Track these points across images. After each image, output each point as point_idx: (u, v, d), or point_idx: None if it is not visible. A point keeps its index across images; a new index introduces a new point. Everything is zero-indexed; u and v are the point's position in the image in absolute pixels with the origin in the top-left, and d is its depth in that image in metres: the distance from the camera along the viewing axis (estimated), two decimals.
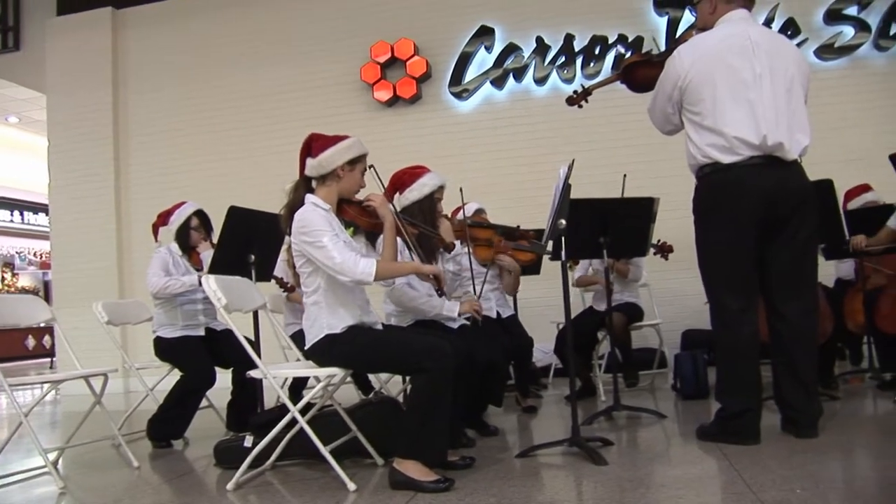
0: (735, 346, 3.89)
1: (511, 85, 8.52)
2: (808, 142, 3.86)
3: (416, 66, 8.60)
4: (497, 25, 8.52)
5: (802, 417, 3.86)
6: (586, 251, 5.22)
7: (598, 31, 8.30)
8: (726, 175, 3.83)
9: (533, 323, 6.62)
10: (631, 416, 5.03)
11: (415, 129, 8.63)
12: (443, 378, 3.31)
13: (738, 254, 3.86)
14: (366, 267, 3.45)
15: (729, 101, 3.79)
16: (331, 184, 3.71)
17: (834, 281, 6.58)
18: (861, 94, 8.05)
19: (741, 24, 3.91)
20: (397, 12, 8.79)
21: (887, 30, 8.02)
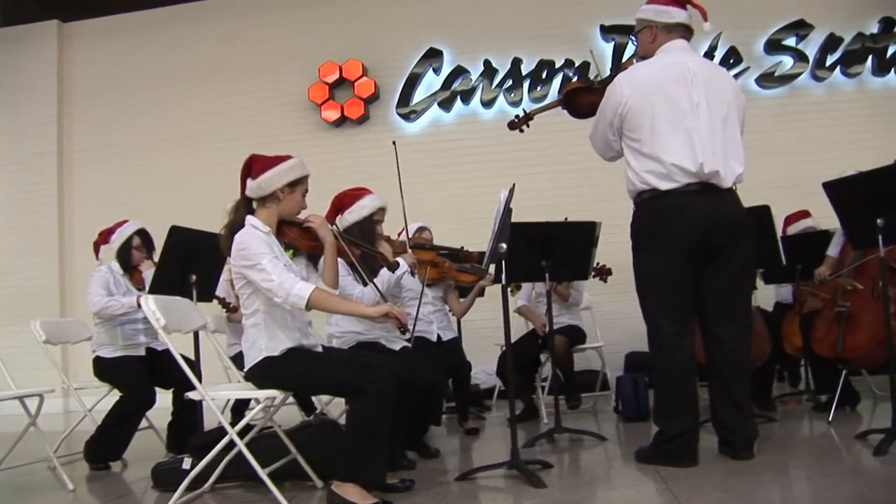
0: (671, 370, 3.94)
1: (458, 107, 8.60)
2: (742, 170, 3.94)
3: (364, 87, 8.63)
4: (445, 48, 8.59)
5: (738, 439, 3.92)
6: (528, 274, 5.26)
7: (545, 55, 8.41)
8: (663, 201, 3.90)
9: (477, 345, 6.67)
10: (573, 439, 5.05)
11: (362, 149, 8.64)
12: (381, 400, 3.31)
13: (674, 278, 3.92)
14: (300, 290, 3.38)
15: (667, 129, 3.86)
16: (271, 205, 3.68)
17: (773, 304, 6.70)
18: (799, 121, 8.27)
19: (680, 53, 3.99)
20: (346, 33, 8.81)
21: (824, 61, 8.26)
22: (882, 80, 8.32)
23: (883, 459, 3.82)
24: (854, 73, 8.31)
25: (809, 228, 6.31)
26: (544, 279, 5.00)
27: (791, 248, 5.62)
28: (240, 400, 5.66)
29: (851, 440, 4.35)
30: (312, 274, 3.96)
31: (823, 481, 3.51)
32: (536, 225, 4.92)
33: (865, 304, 4.97)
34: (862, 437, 4.30)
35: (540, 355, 6.14)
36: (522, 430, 5.56)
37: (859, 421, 5.07)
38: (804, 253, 5.73)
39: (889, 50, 8.26)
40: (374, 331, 4.49)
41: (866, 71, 8.31)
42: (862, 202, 4.18)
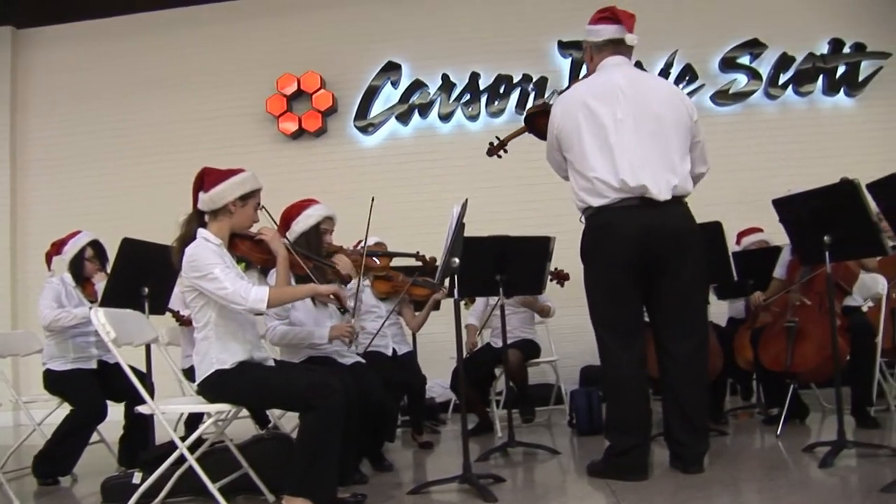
0: (617, 384, 3.98)
1: (416, 121, 8.61)
2: (679, 181, 3.94)
3: (322, 100, 8.62)
4: (404, 62, 8.60)
5: (689, 453, 3.96)
6: (483, 289, 5.28)
7: (503, 70, 8.45)
8: (599, 218, 3.98)
9: (433, 358, 6.68)
10: (527, 452, 5.07)
11: (320, 162, 8.62)
12: (332, 415, 3.31)
13: (616, 294, 3.97)
14: (258, 294, 3.42)
15: (592, 146, 3.94)
16: (223, 218, 3.67)
17: (726, 319, 6.78)
18: (753, 138, 8.41)
19: (613, 69, 4.06)
20: (304, 45, 8.79)
21: (777, 79, 8.41)
22: (832, 99, 8.48)
23: (828, 471, 3.89)
24: (805, 92, 8.46)
25: (762, 242, 6.42)
26: (499, 293, 5.03)
27: (742, 263, 5.70)
28: (194, 414, 5.63)
29: (800, 453, 4.41)
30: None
31: (771, 494, 3.57)
32: (490, 239, 4.95)
33: (813, 319, 5.05)
34: (809, 450, 4.37)
35: (494, 369, 6.15)
36: (477, 443, 5.57)
37: (808, 434, 5.16)
38: (755, 268, 5.82)
39: (839, 70, 8.42)
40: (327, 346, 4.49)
41: (817, 90, 8.46)
42: (809, 219, 4.26)
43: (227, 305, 3.47)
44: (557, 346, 6.71)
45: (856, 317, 5.40)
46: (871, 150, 7.65)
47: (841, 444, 4.11)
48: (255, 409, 5.40)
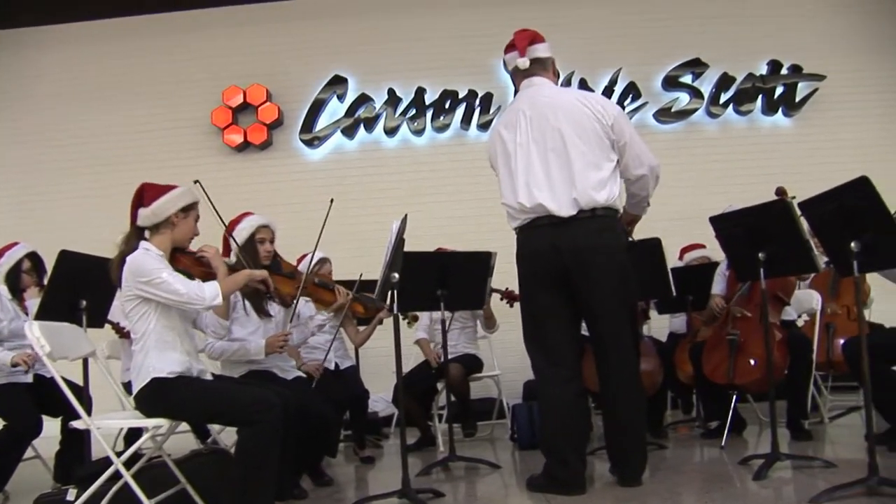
0: (549, 401, 4.02)
1: (362, 135, 8.59)
2: (579, 194, 3.92)
3: (268, 113, 8.56)
4: (350, 75, 8.60)
5: (627, 468, 4.01)
6: (424, 304, 5.30)
7: (448, 85, 8.49)
8: (520, 238, 4.11)
9: (377, 372, 6.67)
10: (469, 467, 5.07)
11: (265, 175, 8.56)
12: (270, 430, 3.30)
13: (539, 312, 4.05)
14: (211, 289, 3.52)
15: (504, 173, 4.11)
16: (165, 231, 3.70)
17: (667, 334, 6.87)
18: (695, 156, 8.54)
19: (522, 93, 4.18)
20: (251, 57, 8.73)
21: (718, 98, 8.57)
22: (770, 118, 8.68)
23: (762, 483, 3.97)
24: (745, 111, 8.63)
25: (703, 258, 6.52)
26: (440, 308, 5.05)
27: (682, 279, 5.78)
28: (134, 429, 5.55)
29: (736, 466, 4.50)
30: None
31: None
32: (431, 254, 5.00)
33: (754, 331, 5.12)
34: (745, 463, 4.44)
35: (437, 383, 6.15)
36: (419, 458, 5.58)
37: (745, 447, 5.23)
38: (695, 284, 5.91)
39: (777, 91, 8.61)
40: (268, 360, 4.46)
41: (756, 109, 8.64)
42: (744, 237, 4.35)
43: (183, 307, 3.52)
44: (501, 360, 6.74)
45: (794, 331, 5.52)
46: (808, 168, 7.79)
47: (775, 456, 4.19)
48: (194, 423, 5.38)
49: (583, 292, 3.98)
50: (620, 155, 4.06)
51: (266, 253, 4.51)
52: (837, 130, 8.55)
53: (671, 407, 7.17)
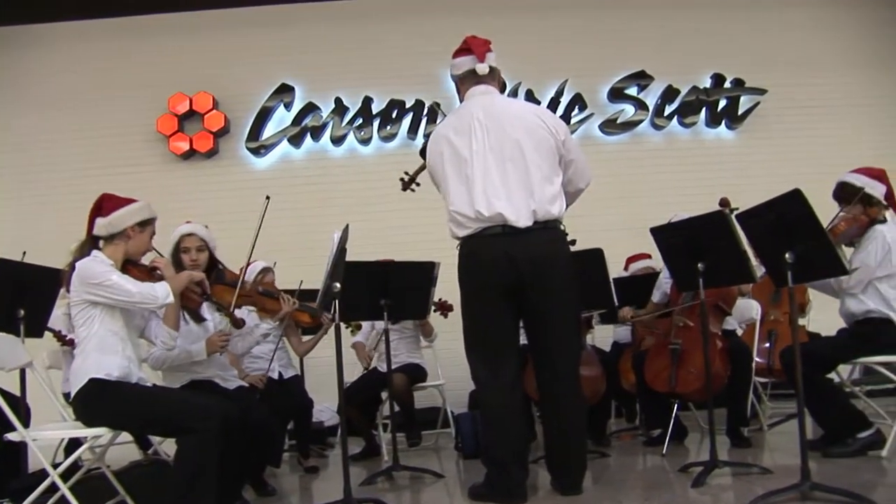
0: (489, 410, 4.04)
1: (308, 144, 8.56)
2: (538, 206, 3.97)
3: (214, 120, 8.49)
4: (297, 84, 8.56)
5: (567, 476, 4.03)
6: (368, 313, 5.30)
7: (395, 95, 8.49)
8: (465, 246, 4.06)
9: (322, 382, 6.63)
10: (413, 476, 5.08)
11: (211, 183, 8.48)
12: (209, 439, 3.29)
13: (481, 321, 4.04)
14: (163, 289, 3.58)
15: (454, 179, 4.03)
16: (119, 243, 3.74)
17: (611, 344, 6.94)
18: (641, 167, 8.65)
19: (473, 100, 4.15)
20: (197, 65, 8.65)
21: (662, 110, 8.70)
22: (714, 130, 8.82)
23: (700, 490, 4.03)
24: (690, 123, 8.76)
25: (648, 269, 6.60)
26: (383, 318, 5.04)
27: (625, 289, 5.84)
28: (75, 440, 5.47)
29: (677, 473, 4.55)
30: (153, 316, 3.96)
31: None
32: (374, 264, 5.00)
33: (696, 340, 5.16)
34: (685, 470, 4.50)
35: (381, 393, 6.12)
36: (363, 467, 5.57)
37: (686, 454, 5.29)
38: (638, 294, 5.97)
39: (720, 104, 8.76)
40: (210, 369, 4.42)
41: (700, 122, 8.77)
42: (684, 247, 4.42)
43: (136, 307, 3.57)
44: (446, 369, 6.73)
45: (735, 340, 5.61)
46: (750, 180, 7.92)
47: (713, 463, 4.26)
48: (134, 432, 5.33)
49: (536, 302, 4.00)
50: (565, 170, 4.14)
51: (192, 262, 4.41)
52: (778, 143, 8.72)
53: (615, 415, 7.24)
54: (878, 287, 4.79)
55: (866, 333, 4.82)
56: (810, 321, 6.79)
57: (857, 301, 4.85)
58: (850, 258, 4.86)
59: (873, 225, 4.83)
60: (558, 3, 8.82)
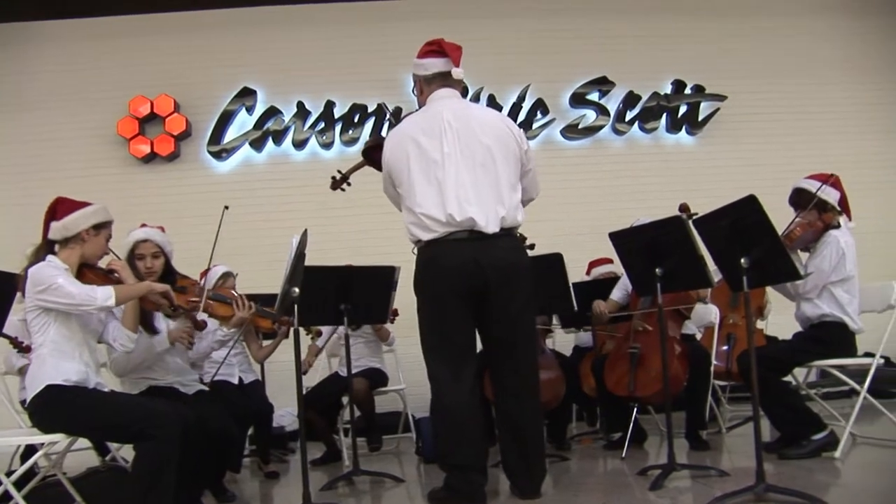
0: (449, 413, 4.01)
1: (270, 147, 8.51)
2: (507, 213, 4.01)
3: (176, 124, 8.42)
4: (259, 88, 8.52)
5: (524, 481, 4.03)
6: (328, 318, 5.29)
7: (358, 99, 8.48)
8: (429, 250, 4.02)
9: (283, 386, 6.61)
10: (374, 481, 5.07)
11: (172, 187, 8.40)
12: (167, 445, 3.26)
13: (443, 325, 4.02)
14: (104, 292, 3.47)
15: (421, 181, 3.99)
16: (74, 246, 3.70)
17: (572, 348, 6.98)
18: (601, 172, 8.71)
19: (440, 103, 4.12)
20: (158, 67, 8.57)
21: (623, 116, 8.76)
22: (674, 136, 8.92)
23: (658, 493, 4.06)
24: (650, 129, 8.83)
25: (609, 273, 6.64)
26: (343, 323, 5.04)
27: (585, 293, 5.86)
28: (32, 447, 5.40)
29: (635, 476, 4.58)
30: (112, 318, 3.91)
31: None
32: (334, 268, 4.98)
33: (655, 345, 5.19)
34: (644, 473, 4.53)
35: (342, 398, 6.09)
36: (324, 472, 5.56)
37: (646, 457, 5.34)
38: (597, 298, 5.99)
39: (681, 110, 8.86)
40: (169, 375, 4.38)
41: (661, 127, 8.86)
42: (642, 252, 4.46)
43: (76, 309, 3.48)
44: (407, 374, 6.73)
45: (694, 344, 5.66)
46: (710, 185, 7.97)
47: (671, 466, 4.30)
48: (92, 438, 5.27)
49: (498, 308, 4.01)
50: (522, 179, 4.19)
51: (147, 270, 4.35)
52: (737, 149, 8.84)
53: (577, 419, 7.29)
54: (832, 291, 4.88)
55: (821, 337, 4.91)
56: (768, 325, 6.88)
57: (813, 305, 4.93)
58: (806, 263, 4.95)
59: (828, 230, 4.92)
60: (520, 8, 8.88)
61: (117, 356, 4.15)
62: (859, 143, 9.02)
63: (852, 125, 9.09)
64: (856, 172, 7.65)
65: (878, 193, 8.70)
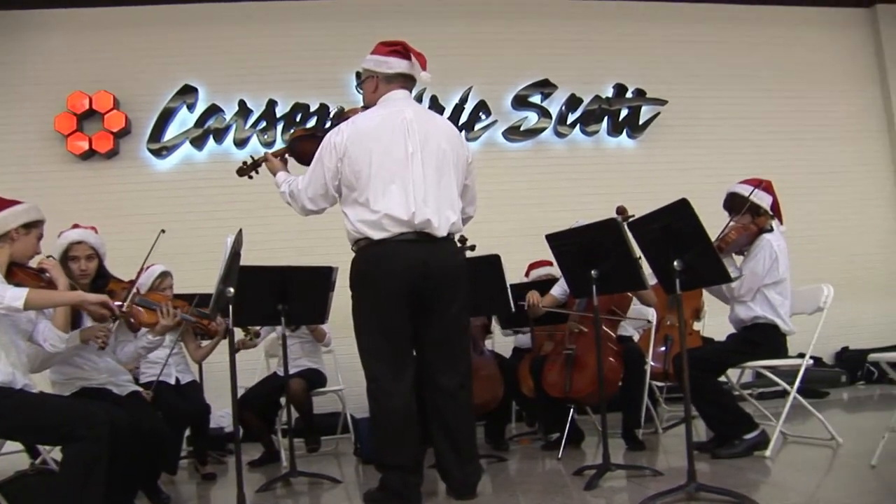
0: (388, 414, 3.99)
1: (211, 146, 8.41)
2: (457, 218, 4.09)
3: (115, 120, 8.27)
4: (200, 85, 8.42)
5: (459, 482, 4.05)
6: (266, 318, 5.26)
7: (300, 98, 8.42)
8: (376, 250, 3.98)
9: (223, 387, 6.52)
10: (312, 482, 5.05)
11: (111, 185, 8.25)
12: (96, 447, 3.22)
13: (386, 326, 3.99)
14: (14, 293, 3.38)
15: (382, 179, 3.95)
16: (3, 245, 3.66)
17: (511, 349, 7.02)
18: (544, 174, 8.77)
19: (399, 103, 4.12)
20: (98, 63, 8.41)
21: (565, 119, 8.85)
22: (615, 139, 9.04)
23: (593, 493, 4.12)
24: (592, 132, 8.94)
25: (548, 275, 6.68)
26: (280, 323, 5.02)
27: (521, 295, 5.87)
28: None
29: (572, 476, 4.62)
30: (42, 318, 3.84)
31: None
32: (272, 269, 4.94)
33: (590, 346, 5.22)
34: (579, 473, 4.57)
35: (279, 398, 6.01)
36: (262, 473, 5.53)
37: (583, 458, 5.39)
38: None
39: (622, 113, 8.98)
40: (102, 376, 4.32)
41: (602, 130, 8.97)
42: (578, 254, 4.51)
43: None
44: (346, 374, 6.70)
45: (629, 344, 5.73)
46: (649, 188, 8.08)
47: (605, 466, 4.35)
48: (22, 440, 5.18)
49: (441, 310, 4.03)
50: (462, 192, 4.25)
51: (81, 272, 4.29)
52: (677, 153, 9.00)
53: (516, 420, 7.34)
54: (766, 294, 4.98)
55: (753, 339, 5.01)
56: (705, 326, 7.00)
57: (746, 307, 5.03)
58: (741, 266, 5.04)
59: (761, 234, 5.02)
60: (463, 11, 8.92)
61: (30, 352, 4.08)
62: (792, 150, 9.28)
63: (787, 132, 9.36)
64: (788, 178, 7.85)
65: (809, 198, 8.95)
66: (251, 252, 4.19)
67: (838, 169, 9.47)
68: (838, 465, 4.56)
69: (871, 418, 6.56)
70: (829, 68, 9.69)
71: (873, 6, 9.85)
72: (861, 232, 9.43)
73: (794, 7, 9.68)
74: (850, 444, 4.93)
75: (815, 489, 4.02)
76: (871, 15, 9.90)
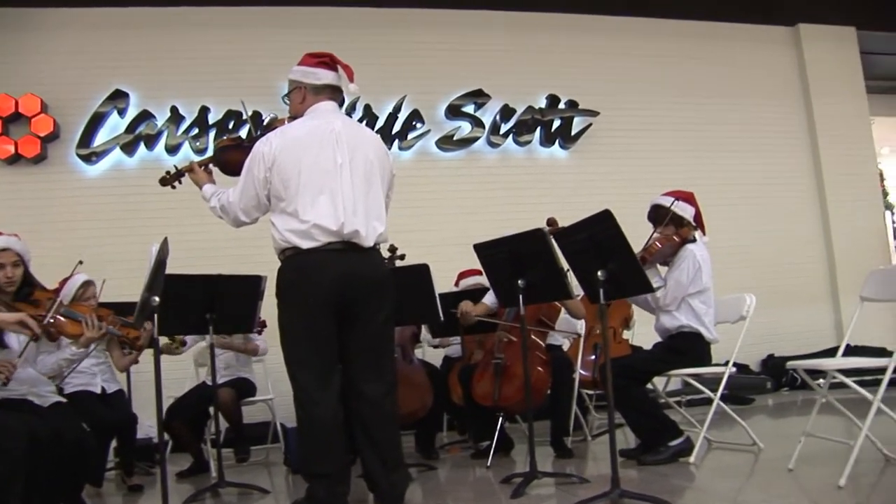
0: (313, 425, 3.98)
1: (142, 152, 8.29)
2: (384, 229, 4.11)
3: (42, 125, 8.10)
4: (132, 90, 8.30)
5: (385, 491, 4.04)
6: (194, 328, 5.22)
7: (233, 106, 8.32)
8: (303, 259, 3.97)
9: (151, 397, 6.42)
10: (241, 492, 5.03)
11: (38, 191, 8.07)
12: (13, 460, 3.18)
13: (313, 335, 3.98)
14: None
15: (311, 189, 3.95)
16: None
17: (442, 358, 7.05)
18: (476, 183, 8.85)
19: (327, 114, 4.12)
20: (25, 65, 8.24)
21: (498, 129, 8.94)
22: (548, 150, 9.16)
23: (520, 501, 4.17)
24: (524, 142, 9.03)
25: (477, 285, 6.71)
26: (209, 332, 5.00)
27: (452, 304, 5.91)
28: None
29: (500, 484, 4.67)
30: None
31: None
32: (199, 277, 4.91)
33: (518, 355, 5.26)
34: (507, 481, 4.63)
35: (209, 408, 5.93)
36: (191, 484, 5.48)
37: (512, 466, 5.44)
38: None
39: (554, 124, 9.10)
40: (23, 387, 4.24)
41: (535, 141, 9.08)
42: (505, 264, 4.57)
43: None
44: (276, 384, 6.66)
45: (557, 353, 5.80)
46: (581, 198, 8.15)
47: (532, 474, 4.41)
48: None
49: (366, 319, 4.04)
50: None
51: (7, 279, 4.24)
52: (608, 164, 9.14)
53: (447, 428, 7.37)
54: (690, 303, 5.09)
55: (678, 347, 5.13)
56: (635, 335, 7.11)
57: (671, 317, 5.14)
58: (665, 276, 5.15)
59: (685, 245, 5.13)
60: (397, 20, 8.96)
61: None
62: (720, 161, 9.51)
63: (716, 144, 9.60)
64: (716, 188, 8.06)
65: (735, 209, 9.18)
66: (186, 260, 4.16)
67: (762, 181, 9.73)
68: (759, 469, 4.68)
69: (792, 423, 6.73)
70: (756, 83, 9.95)
71: (796, 25, 10.17)
72: (786, 241, 9.68)
73: (723, 23, 9.93)
74: (770, 448, 5.08)
75: (736, 493, 4.11)
76: (794, 34, 10.23)
